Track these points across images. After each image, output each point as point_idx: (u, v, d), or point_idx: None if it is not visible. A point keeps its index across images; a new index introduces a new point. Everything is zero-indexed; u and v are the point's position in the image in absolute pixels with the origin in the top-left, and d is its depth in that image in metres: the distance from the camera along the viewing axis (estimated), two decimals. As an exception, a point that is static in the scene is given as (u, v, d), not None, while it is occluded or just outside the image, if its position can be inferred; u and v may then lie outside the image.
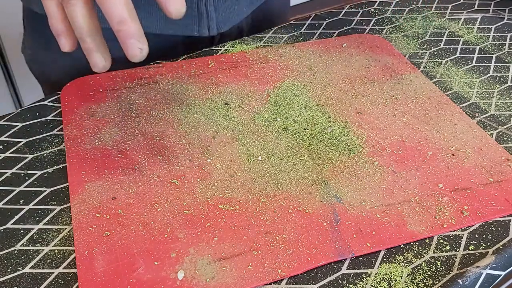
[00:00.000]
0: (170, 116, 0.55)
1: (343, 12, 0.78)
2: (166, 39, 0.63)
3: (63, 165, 0.50)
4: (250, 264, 0.41)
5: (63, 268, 0.41)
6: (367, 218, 0.45)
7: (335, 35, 0.72)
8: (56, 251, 0.42)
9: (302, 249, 0.42)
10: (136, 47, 0.39)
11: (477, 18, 0.77)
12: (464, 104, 0.59)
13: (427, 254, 0.43)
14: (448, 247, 0.43)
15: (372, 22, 0.76)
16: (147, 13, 0.56)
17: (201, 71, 0.62)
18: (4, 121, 0.55)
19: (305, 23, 0.75)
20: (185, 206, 0.45)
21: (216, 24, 0.61)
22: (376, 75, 0.63)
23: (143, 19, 0.57)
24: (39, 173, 0.49)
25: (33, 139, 0.53)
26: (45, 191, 0.47)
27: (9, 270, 0.41)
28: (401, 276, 0.41)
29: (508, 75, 0.65)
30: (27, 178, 0.48)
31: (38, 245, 0.42)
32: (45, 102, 0.58)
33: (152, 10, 0.56)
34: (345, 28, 0.74)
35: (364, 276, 0.41)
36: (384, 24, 0.75)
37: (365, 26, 0.75)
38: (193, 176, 0.48)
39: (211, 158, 0.50)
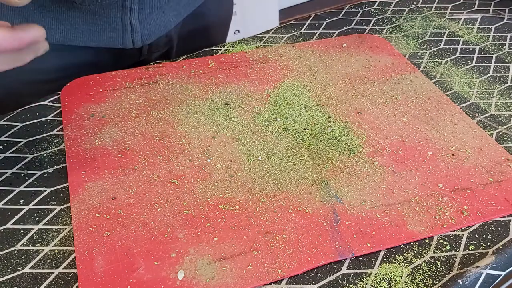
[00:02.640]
0: (170, 116, 0.55)
1: (343, 12, 0.78)
2: (91, 53, 0.63)
3: (63, 165, 0.50)
4: (250, 264, 0.41)
5: (63, 268, 0.41)
6: (367, 218, 0.45)
7: (335, 35, 0.72)
8: (56, 251, 0.42)
9: (302, 249, 0.42)
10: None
11: (477, 18, 0.77)
12: (464, 104, 0.59)
13: (427, 254, 0.43)
14: (448, 247, 0.43)
15: (372, 22, 0.76)
16: (70, 25, 0.56)
17: (201, 71, 0.62)
18: (4, 121, 0.55)
19: (305, 23, 0.75)
20: (185, 206, 0.45)
21: (140, 36, 0.61)
22: (376, 75, 0.63)
23: (65, 32, 0.57)
24: (39, 173, 0.49)
25: (33, 139, 0.53)
26: (45, 191, 0.47)
27: (9, 270, 0.41)
28: (401, 276, 0.41)
29: (508, 75, 0.65)
30: (27, 178, 0.48)
31: (38, 245, 0.42)
32: (45, 102, 0.58)
33: (75, 22, 0.56)
34: (345, 28, 0.74)
35: (364, 276, 0.41)
36: (384, 24, 0.75)
37: (365, 26, 0.75)
38: (193, 176, 0.48)
39: (211, 158, 0.50)
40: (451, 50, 0.69)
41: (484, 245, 0.43)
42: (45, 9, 0.53)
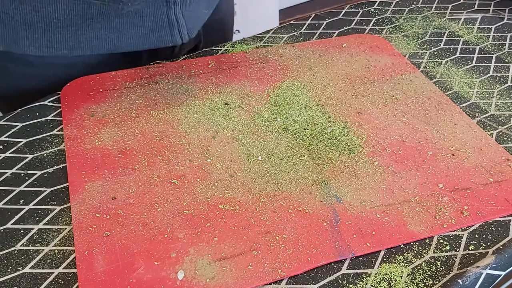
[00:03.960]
0: (170, 116, 0.55)
1: (343, 12, 0.78)
2: (129, 54, 0.63)
3: (63, 165, 0.50)
4: (250, 264, 0.41)
5: (63, 268, 0.41)
6: (367, 218, 0.45)
7: (335, 35, 0.72)
8: (56, 251, 0.42)
9: (302, 249, 0.42)
10: None
11: (477, 18, 0.77)
12: (464, 104, 0.59)
13: (427, 254, 0.43)
14: (448, 247, 0.43)
15: (372, 22, 0.76)
16: (119, 33, 0.57)
17: (201, 71, 0.62)
18: (4, 121, 0.55)
19: (305, 23, 0.75)
20: (185, 206, 0.45)
21: (186, 30, 0.62)
22: (376, 75, 0.63)
23: (115, 40, 0.57)
24: (39, 173, 0.49)
25: (33, 139, 0.53)
26: (45, 191, 0.47)
27: (9, 270, 0.41)
28: (401, 276, 0.41)
29: (508, 75, 0.65)
30: (27, 178, 0.48)
31: (38, 245, 0.42)
32: (45, 102, 0.58)
33: (123, 29, 0.57)
34: (345, 28, 0.74)
35: (364, 276, 0.41)
36: (384, 24, 0.75)
37: (365, 26, 0.75)
38: (193, 176, 0.48)
39: (211, 158, 0.50)
40: (451, 50, 0.69)
41: (484, 245, 0.43)
42: (93, 21, 0.54)
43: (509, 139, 0.54)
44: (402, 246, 0.43)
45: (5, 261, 0.41)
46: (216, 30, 0.75)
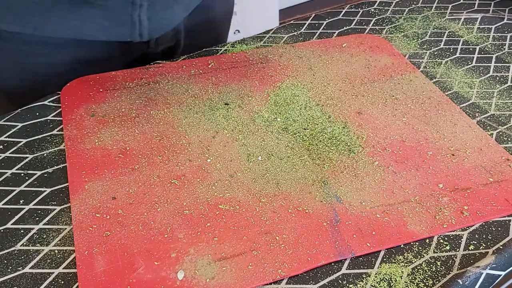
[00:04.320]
0: (170, 116, 0.55)
1: (343, 12, 0.78)
2: (98, 44, 0.64)
3: (63, 165, 0.50)
4: (250, 264, 0.41)
5: (63, 268, 0.41)
6: (367, 218, 0.45)
7: (335, 35, 0.72)
8: (56, 251, 0.42)
9: (302, 249, 0.42)
10: None
11: (477, 18, 0.77)
12: (464, 104, 0.59)
13: (427, 254, 0.43)
14: (448, 247, 0.43)
15: (372, 22, 0.76)
16: (82, 20, 0.58)
17: (201, 71, 0.62)
18: (4, 121, 0.55)
19: (305, 23, 0.75)
20: (185, 206, 0.45)
21: (148, 31, 0.62)
22: (376, 75, 0.63)
23: (77, 27, 0.58)
24: (39, 173, 0.49)
25: (33, 139, 0.53)
26: (45, 191, 0.47)
27: (9, 270, 0.41)
28: (401, 276, 0.41)
29: (508, 75, 0.65)
30: (27, 178, 0.48)
31: (38, 245, 0.42)
32: (45, 102, 0.58)
33: (86, 17, 0.57)
34: (345, 28, 0.74)
35: (364, 276, 0.41)
36: (384, 24, 0.75)
37: (365, 26, 0.75)
38: (193, 176, 0.48)
39: (211, 158, 0.50)
40: (451, 50, 0.69)
41: (484, 245, 0.43)
42: (61, 5, 0.55)
43: (509, 139, 0.54)
44: (402, 246, 0.43)
45: (5, 261, 0.41)
46: (207, 31, 0.74)
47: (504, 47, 0.70)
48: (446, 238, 0.44)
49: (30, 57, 0.62)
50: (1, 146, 0.52)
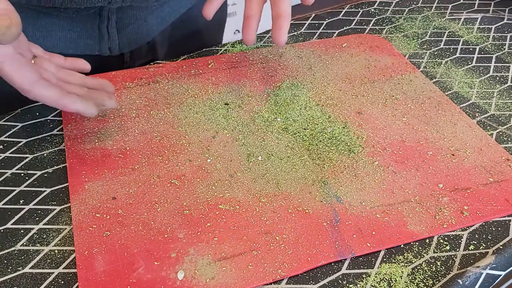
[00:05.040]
0: (170, 116, 0.55)
1: (343, 12, 0.78)
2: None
3: (63, 165, 0.50)
4: (250, 264, 0.41)
5: (63, 268, 0.41)
6: (367, 218, 0.45)
7: (335, 35, 0.72)
8: (56, 251, 0.42)
9: (302, 249, 0.42)
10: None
11: (477, 18, 0.77)
12: (464, 104, 0.59)
13: (427, 254, 0.43)
14: (448, 247, 0.43)
15: (372, 22, 0.76)
16: (47, 32, 0.55)
17: (201, 71, 0.62)
18: (4, 121, 0.55)
19: (305, 23, 0.75)
20: (185, 206, 0.45)
21: (118, 45, 0.61)
22: (376, 75, 0.63)
23: (42, 39, 0.56)
24: (39, 173, 0.49)
25: (33, 139, 0.53)
26: (45, 191, 0.47)
27: (9, 270, 0.41)
28: (401, 276, 0.41)
29: (508, 75, 0.65)
30: (27, 178, 0.48)
31: (38, 245, 0.42)
32: (45, 102, 0.58)
33: (51, 29, 0.55)
34: (345, 28, 0.74)
35: (364, 276, 0.41)
36: (384, 24, 0.75)
37: (365, 26, 0.75)
38: (193, 176, 0.48)
39: (211, 158, 0.50)
40: (451, 50, 0.69)
41: (484, 245, 0.43)
42: (22, 16, 0.49)
43: (509, 139, 0.54)
44: (402, 246, 0.43)
45: (5, 261, 0.41)
46: (193, 40, 0.72)
47: (504, 47, 0.70)
48: (446, 238, 0.44)
49: None
50: (1, 146, 0.52)
